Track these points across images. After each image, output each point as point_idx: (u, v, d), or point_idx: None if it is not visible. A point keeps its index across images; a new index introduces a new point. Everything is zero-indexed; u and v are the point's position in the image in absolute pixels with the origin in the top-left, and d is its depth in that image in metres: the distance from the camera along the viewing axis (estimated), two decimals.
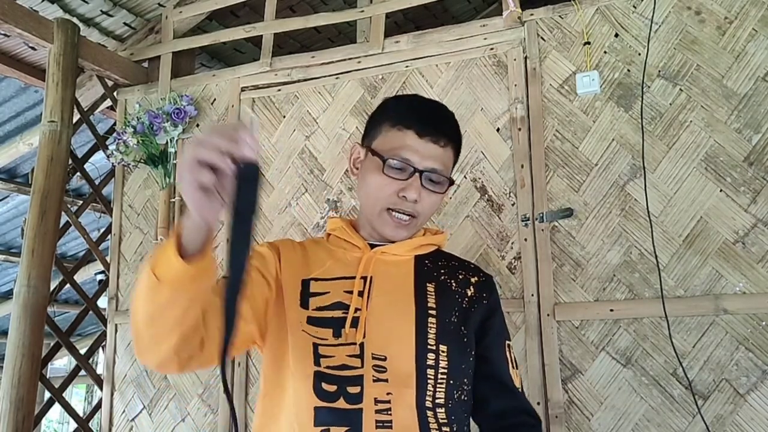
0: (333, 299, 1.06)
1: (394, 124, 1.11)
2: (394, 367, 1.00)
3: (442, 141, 1.11)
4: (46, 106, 2.28)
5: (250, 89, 2.40)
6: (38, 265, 2.12)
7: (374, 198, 1.10)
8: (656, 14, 1.89)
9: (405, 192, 1.07)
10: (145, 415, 2.33)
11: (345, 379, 0.99)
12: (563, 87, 1.97)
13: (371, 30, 2.27)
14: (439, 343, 1.03)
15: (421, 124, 1.10)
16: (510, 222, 1.96)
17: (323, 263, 1.12)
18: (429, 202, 1.10)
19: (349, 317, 1.03)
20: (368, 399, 0.97)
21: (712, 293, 1.71)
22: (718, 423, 1.65)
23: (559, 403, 1.80)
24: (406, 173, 1.08)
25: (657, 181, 1.82)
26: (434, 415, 0.99)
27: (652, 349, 1.75)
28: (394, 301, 1.06)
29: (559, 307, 1.85)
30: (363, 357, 1.00)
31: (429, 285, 1.10)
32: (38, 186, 2.20)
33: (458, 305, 1.10)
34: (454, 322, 1.07)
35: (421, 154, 1.08)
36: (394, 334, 1.03)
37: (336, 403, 0.97)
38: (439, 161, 1.10)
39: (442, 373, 1.02)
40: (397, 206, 1.08)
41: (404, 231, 1.11)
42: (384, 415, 0.96)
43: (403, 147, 1.09)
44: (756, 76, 1.77)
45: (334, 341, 1.02)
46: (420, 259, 1.14)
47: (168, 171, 2.41)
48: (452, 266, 1.17)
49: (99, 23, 2.62)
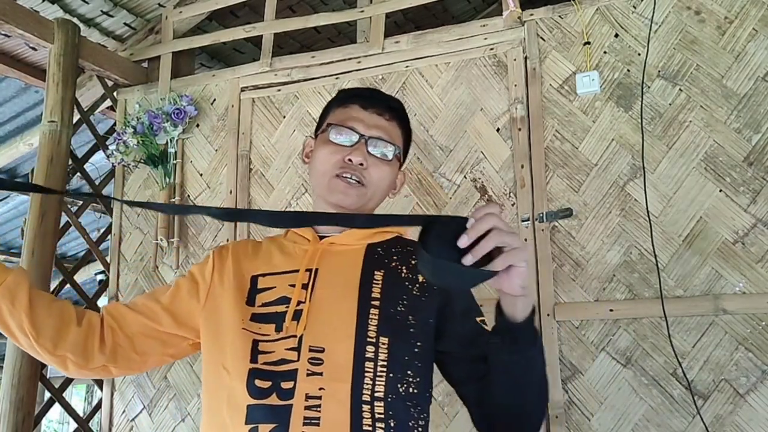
0: (278, 294, 1.06)
1: (341, 104, 1.15)
2: (331, 360, 0.99)
3: (387, 114, 1.13)
4: (46, 106, 2.28)
5: (250, 89, 2.40)
6: (38, 266, 2.12)
7: (322, 169, 1.10)
8: (656, 14, 1.89)
9: (351, 156, 1.08)
10: (145, 415, 2.33)
11: (279, 374, 0.98)
12: (563, 87, 1.97)
13: (371, 30, 2.27)
14: (379, 335, 1.01)
15: (366, 98, 1.13)
16: (510, 222, 1.96)
17: (271, 259, 1.13)
18: (377, 172, 1.10)
19: (290, 310, 1.03)
20: (299, 395, 0.96)
21: (711, 293, 1.72)
22: (718, 423, 1.65)
23: (559, 403, 1.80)
24: (352, 141, 1.09)
25: (657, 181, 1.82)
26: (370, 409, 0.97)
27: (651, 349, 1.75)
28: (338, 293, 1.05)
29: (559, 307, 1.85)
30: (300, 350, 0.99)
31: (377, 273, 1.07)
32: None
33: (407, 293, 1.06)
34: (401, 312, 1.04)
35: (366, 123, 1.11)
36: (334, 326, 1.02)
37: (268, 400, 0.96)
38: (385, 131, 1.12)
39: (382, 366, 0.99)
40: (345, 170, 1.08)
41: (354, 195, 1.09)
42: (313, 411, 0.95)
43: (349, 118, 1.11)
44: (756, 76, 1.77)
45: (276, 336, 1.02)
46: (371, 248, 1.12)
47: (168, 171, 2.41)
48: (406, 252, 1.13)
49: (99, 23, 2.62)
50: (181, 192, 2.43)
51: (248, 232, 2.28)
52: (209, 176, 2.41)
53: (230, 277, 1.11)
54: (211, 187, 2.41)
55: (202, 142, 2.45)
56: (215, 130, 2.44)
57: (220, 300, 1.10)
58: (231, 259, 1.14)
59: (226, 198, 2.34)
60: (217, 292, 1.11)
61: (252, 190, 2.33)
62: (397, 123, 1.15)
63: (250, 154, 2.36)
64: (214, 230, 2.35)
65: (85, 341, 1.07)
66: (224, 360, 1.03)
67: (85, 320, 1.08)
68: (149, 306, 1.13)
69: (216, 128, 2.44)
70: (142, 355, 1.11)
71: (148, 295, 1.16)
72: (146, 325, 1.11)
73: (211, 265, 1.14)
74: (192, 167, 2.45)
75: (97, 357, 1.07)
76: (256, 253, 1.16)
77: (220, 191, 2.37)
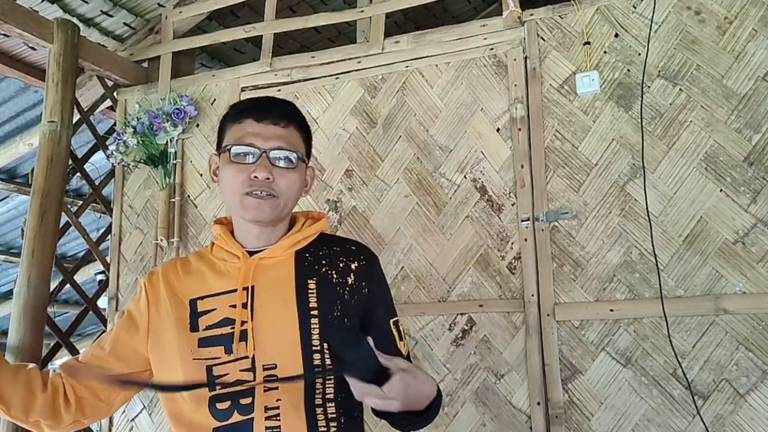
0: (220, 316, 1.08)
1: (234, 121, 1.14)
2: (284, 373, 1.03)
3: (283, 122, 1.12)
4: (46, 106, 2.28)
5: (250, 89, 2.40)
6: (38, 266, 2.12)
7: (231, 190, 1.10)
8: (656, 14, 1.89)
9: (255, 172, 1.08)
10: (145, 415, 2.33)
11: (237, 393, 1.03)
12: (563, 87, 1.97)
13: (371, 30, 2.27)
14: (322, 341, 1.05)
15: (258, 110, 1.13)
16: (510, 222, 1.96)
17: (205, 280, 1.14)
18: (285, 181, 1.10)
19: (236, 332, 1.06)
20: (258, 408, 1.01)
21: (712, 293, 1.71)
22: (718, 423, 1.65)
23: (559, 403, 1.80)
24: (254, 157, 1.09)
25: (657, 181, 1.82)
26: (323, 411, 1.03)
27: (651, 349, 1.75)
28: (278, 308, 1.08)
29: (559, 307, 1.85)
30: (254, 370, 1.04)
31: (310, 281, 1.11)
32: (38, 186, 2.20)
33: (340, 297, 1.11)
34: (337, 316, 1.08)
35: (264, 136, 1.10)
36: (281, 342, 1.05)
37: (231, 419, 1.01)
38: (284, 140, 1.11)
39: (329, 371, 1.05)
40: (253, 187, 1.08)
41: (266, 208, 1.09)
42: (273, 421, 1.01)
43: (245, 134, 1.11)
44: (756, 76, 1.77)
45: (227, 357, 1.05)
46: (300, 255, 1.14)
47: (168, 171, 2.41)
48: (333, 253, 1.16)
49: (99, 23, 2.62)
50: (181, 192, 2.43)
51: None
52: (209, 176, 2.41)
53: (167, 307, 1.12)
54: (211, 187, 2.41)
55: (202, 142, 2.45)
56: (215, 130, 2.42)
57: (161, 332, 1.11)
58: (163, 285, 1.15)
59: None
60: (156, 325, 1.13)
61: None
62: (294, 126, 1.14)
63: None
64: None
65: (53, 405, 1.11)
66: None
67: (49, 384, 1.12)
68: (97, 355, 1.15)
69: (216, 128, 2.43)
70: (107, 401, 1.15)
71: (95, 344, 1.18)
72: (100, 374, 1.14)
73: (144, 298, 1.16)
74: (192, 167, 2.45)
75: (65, 416, 1.12)
76: (188, 273, 1.16)
77: (220, 191, 2.37)
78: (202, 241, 2.37)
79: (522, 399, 1.86)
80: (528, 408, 1.84)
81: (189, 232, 2.40)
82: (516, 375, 1.88)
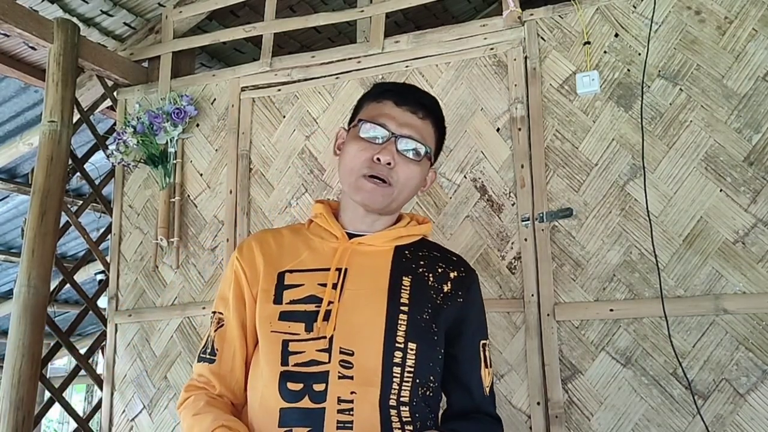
0: (307, 292, 1.06)
1: (374, 99, 1.13)
2: (360, 363, 1.00)
3: (421, 113, 1.11)
4: (46, 106, 2.28)
5: (250, 89, 2.40)
6: (38, 265, 2.12)
7: (350, 166, 1.09)
8: (656, 14, 1.89)
9: (379, 154, 1.06)
10: (145, 415, 2.33)
11: (311, 375, 0.99)
12: (563, 87, 1.97)
13: (371, 30, 2.27)
14: (408, 341, 1.03)
15: (400, 95, 1.11)
16: (510, 222, 1.96)
17: (299, 254, 1.12)
18: (405, 171, 1.08)
19: (322, 311, 1.03)
20: (332, 398, 0.97)
21: (712, 293, 1.71)
22: (718, 423, 1.65)
23: (559, 403, 1.80)
24: (383, 139, 1.08)
25: (657, 181, 1.82)
26: (398, 413, 0.99)
27: (652, 349, 1.75)
28: (367, 295, 1.06)
29: (559, 307, 1.85)
30: (331, 351, 1.00)
31: (405, 278, 1.08)
32: (38, 186, 2.20)
33: (432, 301, 1.08)
34: (426, 319, 1.06)
35: (398, 121, 1.09)
36: (363, 329, 1.03)
37: (300, 403, 0.98)
38: (417, 131, 1.10)
39: (409, 372, 1.02)
40: (372, 170, 1.07)
41: (379, 196, 1.08)
42: (346, 415, 0.96)
43: (381, 114, 1.09)
44: (756, 76, 1.77)
45: (306, 335, 1.02)
46: (399, 250, 1.12)
47: (168, 171, 2.41)
48: (433, 258, 1.14)
49: (99, 23, 2.62)
50: (181, 192, 2.43)
51: (248, 231, 2.28)
52: (209, 176, 2.41)
53: (259, 276, 1.11)
54: (211, 186, 2.41)
55: (202, 142, 2.45)
56: (215, 129, 2.44)
57: (253, 302, 1.11)
58: (257, 254, 1.13)
59: (226, 198, 2.34)
60: (252, 293, 1.11)
61: (252, 190, 2.33)
62: (431, 121, 1.13)
63: (250, 153, 2.36)
64: (214, 230, 2.35)
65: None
66: (260, 361, 1.05)
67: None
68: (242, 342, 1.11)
69: (216, 128, 2.44)
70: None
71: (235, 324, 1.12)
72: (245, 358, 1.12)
73: (241, 271, 1.13)
74: (192, 167, 2.45)
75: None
76: (280, 245, 1.14)
77: (220, 191, 2.37)
78: (202, 241, 2.37)
79: (522, 399, 1.86)
80: (528, 408, 1.84)
81: (189, 232, 2.40)
82: (516, 375, 1.88)
